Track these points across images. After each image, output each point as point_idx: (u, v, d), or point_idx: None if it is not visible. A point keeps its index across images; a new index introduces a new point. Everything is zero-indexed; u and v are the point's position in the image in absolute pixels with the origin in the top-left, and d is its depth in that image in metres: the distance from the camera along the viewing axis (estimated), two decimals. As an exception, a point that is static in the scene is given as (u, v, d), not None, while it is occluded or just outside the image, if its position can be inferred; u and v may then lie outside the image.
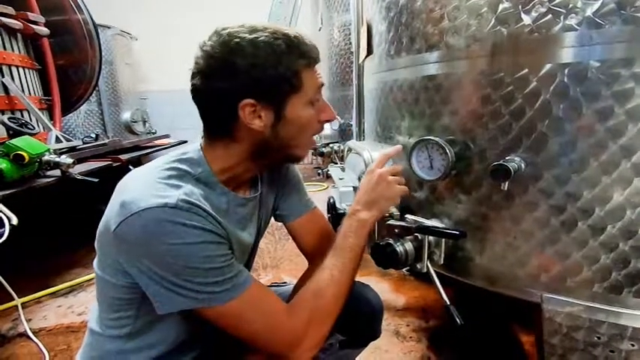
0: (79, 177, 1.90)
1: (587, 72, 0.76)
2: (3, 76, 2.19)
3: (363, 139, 1.70)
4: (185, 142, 3.66)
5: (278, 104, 0.67)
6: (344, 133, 3.65)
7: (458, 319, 0.89)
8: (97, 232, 0.66)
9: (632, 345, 0.79)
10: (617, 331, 0.80)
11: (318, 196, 3.70)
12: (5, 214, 1.40)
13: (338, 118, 3.66)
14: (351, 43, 3.05)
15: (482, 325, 1.48)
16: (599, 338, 0.82)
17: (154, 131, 4.60)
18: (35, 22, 2.50)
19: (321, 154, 3.61)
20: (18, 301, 1.67)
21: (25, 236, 1.69)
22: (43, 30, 2.57)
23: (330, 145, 3.61)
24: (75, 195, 2.31)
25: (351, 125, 3.28)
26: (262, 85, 0.64)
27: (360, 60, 1.55)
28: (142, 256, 0.59)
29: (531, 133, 0.84)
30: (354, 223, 0.78)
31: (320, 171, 2.70)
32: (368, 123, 1.57)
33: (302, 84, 0.67)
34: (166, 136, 3.82)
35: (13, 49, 2.36)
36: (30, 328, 1.57)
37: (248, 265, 0.85)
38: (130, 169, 2.41)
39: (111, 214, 0.61)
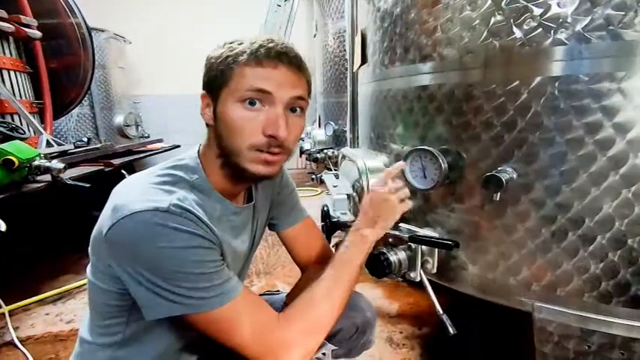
0: (70, 182, 1.86)
1: (576, 85, 0.77)
2: (-6, 80, 2.17)
3: (357, 146, 1.70)
4: (178, 146, 3.62)
5: (215, 97, 0.67)
6: (338, 139, 3.67)
7: (451, 329, 0.90)
8: (91, 237, 0.66)
9: (622, 354, 0.80)
10: (607, 340, 0.81)
11: (311, 201, 3.69)
12: (-6, 221, 1.38)
13: (323, 122, 3.67)
14: (345, 50, 3.07)
15: (476, 333, 1.49)
16: (589, 347, 0.83)
17: (146, 135, 4.57)
18: (28, 25, 2.48)
19: (315, 160, 3.62)
20: (5, 309, 1.63)
21: (14, 243, 1.67)
22: (36, 33, 2.55)
23: (324, 150, 3.62)
24: (66, 201, 2.27)
25: (346, 131, 3.30)
26: (207, 78, 0.68)
27: (355, 69, 1.57)
28: (132, 260, 0.58)
29: (523, 145, 0.85)
30: (355, 238, 0.80)
31: (314, 176, 2.70)
32: (362, 130, 1.58)
33: (232, 77, 0.64)
34: (159, 141, 3.79)
35: (4, 52, 2.34)
36: (17, 337, 1.54)
37: (241, 273, 0.85)
38: (122, 174, 2.40)
39: (104, 219, 0.62)
